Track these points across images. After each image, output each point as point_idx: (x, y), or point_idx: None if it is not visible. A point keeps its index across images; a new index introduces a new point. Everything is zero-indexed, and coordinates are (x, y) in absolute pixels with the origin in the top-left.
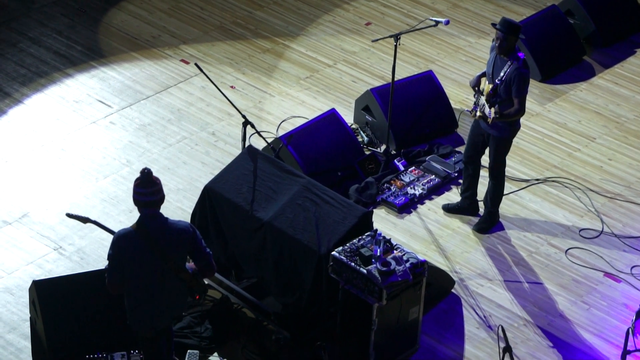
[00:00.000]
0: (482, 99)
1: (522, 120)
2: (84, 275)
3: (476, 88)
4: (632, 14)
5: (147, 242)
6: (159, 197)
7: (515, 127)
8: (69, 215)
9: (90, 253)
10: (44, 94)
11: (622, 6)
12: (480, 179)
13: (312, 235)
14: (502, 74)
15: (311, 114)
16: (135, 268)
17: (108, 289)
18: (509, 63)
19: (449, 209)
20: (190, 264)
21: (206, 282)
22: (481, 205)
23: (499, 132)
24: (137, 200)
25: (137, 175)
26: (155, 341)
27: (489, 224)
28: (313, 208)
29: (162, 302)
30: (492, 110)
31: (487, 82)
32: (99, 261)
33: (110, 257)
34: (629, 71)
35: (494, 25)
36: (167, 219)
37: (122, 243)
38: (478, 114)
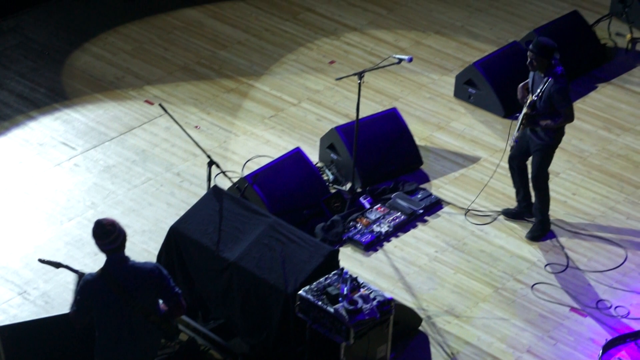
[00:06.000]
0: (523, 112)
1: (486, 156)
2: (49, 320)
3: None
4: (593, 49)
5: (112, 287)
6: (119, 242)
7: (559, 134)
8: (41, 261)
9: (56, 297)
10: (7, 137)
11: (583, 41)
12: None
13: (278, 275)
14: (538, 90)
15: (276, 153)
16: (103, 313)
17: (71, 322)
18: (545, 79)
19: (508, 214)
20: (162, 305)
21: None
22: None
23: (540, 139)
24: (99, 249)
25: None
26: None
27: (540, 232)
28: (279, 247)
29: (132, 347)
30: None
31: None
32: (64, 305)
33: (76, 300)
34: (591, 106)
35: (527, 44)
36: (133, 262)
37: (88, 289)
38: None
